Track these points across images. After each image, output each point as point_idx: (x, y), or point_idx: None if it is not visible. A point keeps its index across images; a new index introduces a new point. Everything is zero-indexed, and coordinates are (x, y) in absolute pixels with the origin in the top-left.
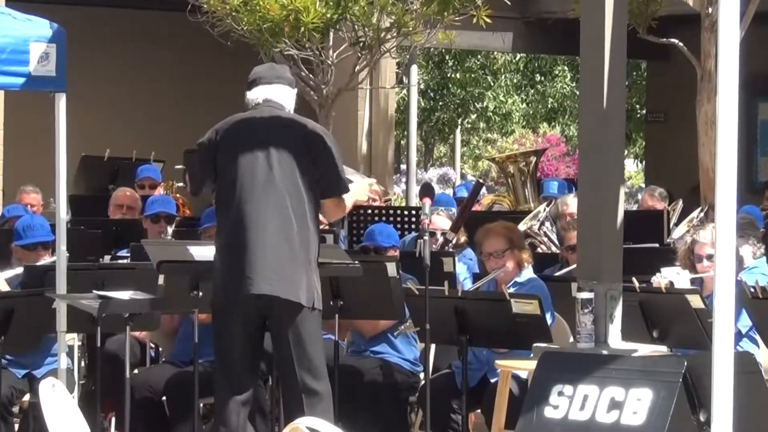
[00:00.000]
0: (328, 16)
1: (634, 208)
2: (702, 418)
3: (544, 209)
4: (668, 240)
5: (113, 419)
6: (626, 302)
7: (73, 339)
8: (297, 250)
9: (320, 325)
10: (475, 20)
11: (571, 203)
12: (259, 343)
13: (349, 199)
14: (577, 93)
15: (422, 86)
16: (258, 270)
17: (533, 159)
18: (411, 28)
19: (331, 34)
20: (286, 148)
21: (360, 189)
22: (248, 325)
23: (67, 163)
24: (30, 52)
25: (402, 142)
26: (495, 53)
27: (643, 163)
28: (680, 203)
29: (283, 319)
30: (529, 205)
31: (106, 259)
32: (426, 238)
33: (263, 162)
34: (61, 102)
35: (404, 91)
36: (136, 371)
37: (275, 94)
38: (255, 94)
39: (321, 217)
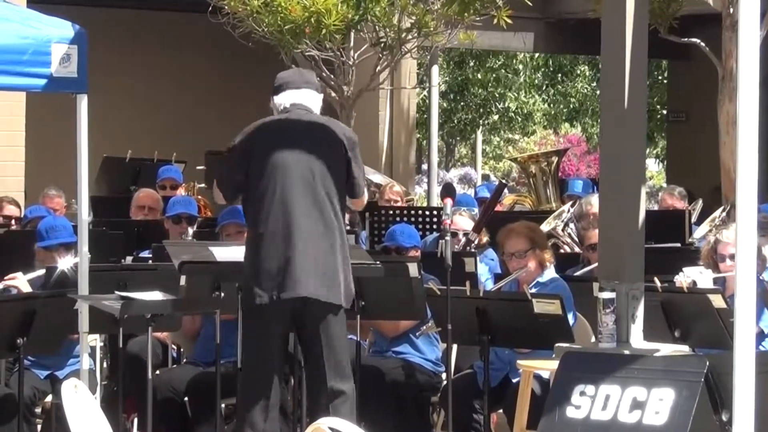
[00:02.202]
0: (349, 17)
1: (656, 207)
2: (724, 418)
3: (569, 209)
4: (690, 239)
5: (135, 420)
6: (648, 302)
7: (96, 340)
8: (337, 250)
9: (345, 325)
10: (495, 21)
11: (594, 203)
12: (287, 343)
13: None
14: (598, 93)
15: (443, 87)
16: (300, 272)
17: (555, 159)
18: (432, 29)
19: (352, 34)
20: (322, 149)
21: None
22: (282, 325)
23: (89, 164)
24: (51, 54)
25: (423, 142)
26: (516, 53)
27: (665, 162)
28: (700, 202)
29: (318, 320)
30: (551, 205)
31: (128, 260)
32: (447, 238)
33: (302, 163)
34: (83, 103)
35: (425, 92)
36: (158, 372)
37: (303, 99)
38: (282, 99)
39: None
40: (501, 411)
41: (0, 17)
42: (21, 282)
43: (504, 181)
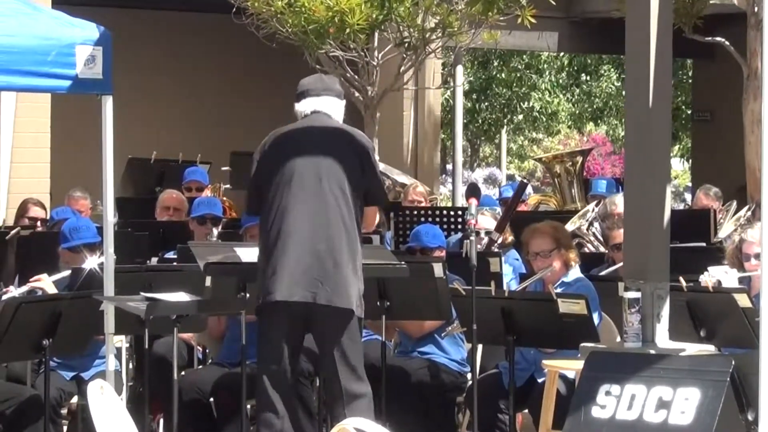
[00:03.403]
0: (373, 17)
1: (682, 207)
2: (750, 418)
3: (593, 209)
4: (715, 239)
5: (161, 421)
6: (673, 301)
7: (121, 341)
8: (347, 257)
9: (358, 329)
10: (520, 20)
11: (619, 203)
12: (300, 344)
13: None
14: (623, 92)
15: (467, 86)
16: (310, 278)
17: (579, 159)
18: (456, 29)
19: (376, 35)
20: (334, 156)
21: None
22: (294, 330)
23: (114, 165)
24: (76, 55)
25: (447, 142)
26: (540, 53)
27: (690, 162)
28: (734, 204)
29: (331, 326)
30: (576, 204)
31: (153, 261)
32: (472, 238)
33: (312, 170)
34: (108, 104)
35: (449, 92)
36: (183, 373)
37: (324, 106)
38: (303, 106)
39: None
40: (526, 411)
41: (24, 18)
42: (46, 283)
43: (525, 180)
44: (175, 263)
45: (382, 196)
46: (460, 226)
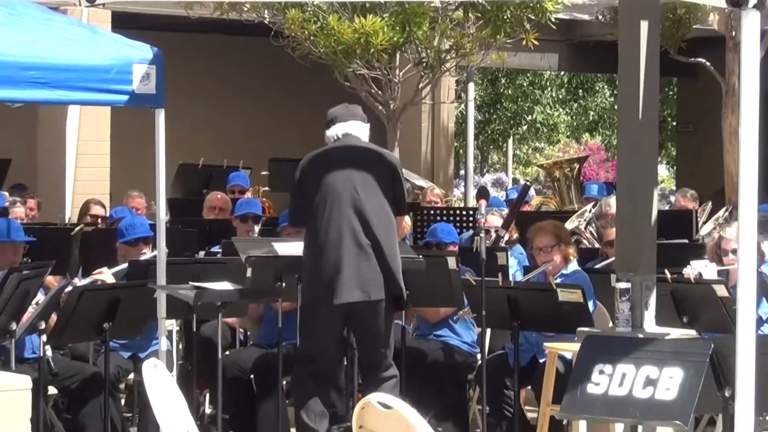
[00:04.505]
0: (395, 39)
1: (667, 208)
2: (727, 394)
3: (590, 210)
4: (697, 236)
5: (207, 395)
6: (659, 291)
7: (172, 324)
8: (385, 255)
9: (391, 317)
10: (524, 43)
11: (612, 204)
12: (341, 335)
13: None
14: (616, 106)
15: (478, 101)
16: (347, 280)
17: (576, 165)
18: (468, 50)
19: (398, 55)
20: (368, 171)
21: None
22: (333, 322)
23: (166, 170)
24: (133, 73)
25: (460, 150)
26: (542, 72)
27: (674, 168)
28: (709, 204)
29: (363, 317)
30: (573, 205)
31: (201, 254)
32: (482, 235)
33: (350, 184)
34: (161, 117)
35: (462, 106)
36: (227, 353)
37: (353, 129)
38: (334, 131)
39: None
40: (529, 387)
41: (88, 41)
42: (107, 275)
43: (528, 183)
44: (219, 256)
45: (404, 208)
46: (471, 225)
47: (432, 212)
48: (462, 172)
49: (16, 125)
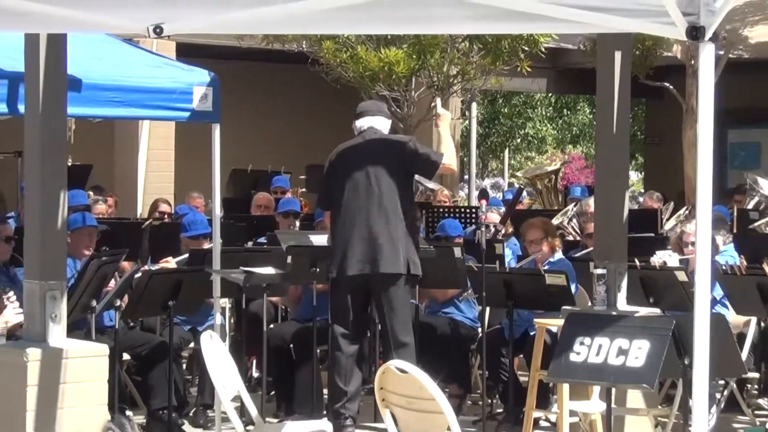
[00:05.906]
0: (412, 66)
1: (636, 207)
2: (686, 362)
3: (572, 208)
4: (661, 231)
5: (254, 362)
6: (630, 276)
7: (225, 302)
8: (396, 235)
9: (409, 292)
10: (519, 69)
11: (591, 204)
12: (364, 303)
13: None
14: (594, 122)
15: (480, 118)
16: (369, 255)
17: (553, 177)
18: (472, 75)
19: (414, 79)
20: (380, 162)
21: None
22: (357, 296)
23: (221, 174)
24: (193, 94)
25: (465, 158)
26: (533, 93)
27: (643, 173)
28: (671, 204)
29: (382, 289)
30: (555, 206)
31: (249, 244)
32: (483, 229)
33: (365, 174)
34: (216, 130)
35: (466, 122)
36: (271, 326)
37: (376, 123)
38: (361, 123)
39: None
40: (521, 356)
41: (155, 67)
42: (171, 263)
43: (522, 186)
44: (265, 246)
45: (433, 166)
46: (474, 220)
47: (441, 210)
48: (466, 176)
49: (98, 137)
